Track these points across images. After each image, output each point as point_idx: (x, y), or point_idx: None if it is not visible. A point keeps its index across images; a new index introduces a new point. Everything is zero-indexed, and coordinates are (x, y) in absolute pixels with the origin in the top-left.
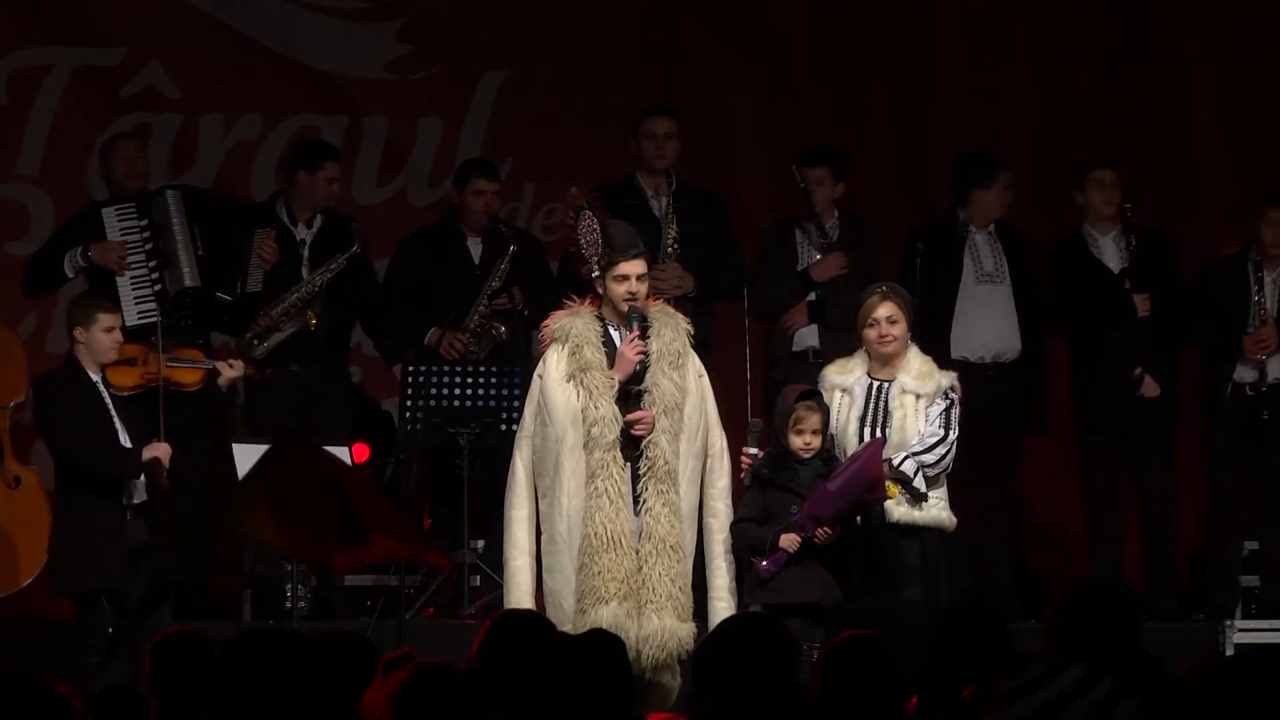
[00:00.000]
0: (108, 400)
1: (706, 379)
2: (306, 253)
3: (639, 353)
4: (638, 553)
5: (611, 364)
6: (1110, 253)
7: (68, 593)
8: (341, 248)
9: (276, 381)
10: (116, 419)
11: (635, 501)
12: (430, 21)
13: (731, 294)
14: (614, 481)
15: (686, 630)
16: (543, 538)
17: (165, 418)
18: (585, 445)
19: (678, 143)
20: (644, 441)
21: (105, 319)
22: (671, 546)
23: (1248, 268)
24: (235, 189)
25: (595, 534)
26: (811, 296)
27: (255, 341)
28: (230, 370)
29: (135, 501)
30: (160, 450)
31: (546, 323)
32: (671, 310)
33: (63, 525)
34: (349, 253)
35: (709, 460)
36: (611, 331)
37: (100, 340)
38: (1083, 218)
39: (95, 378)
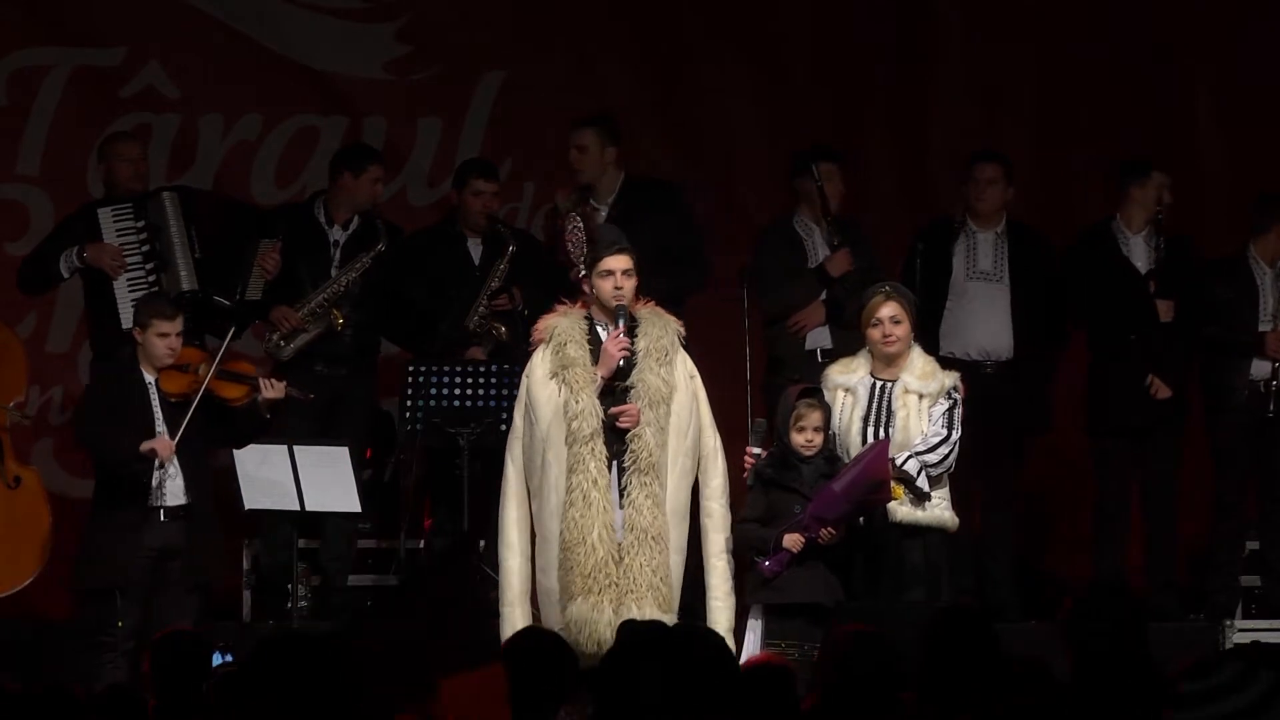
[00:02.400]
0: (154, 402)
1: (699, 380)
2: (338, 254)
3: (622, 348)
4: (620, 544)
5: (596, 361)
6: (1139, 252)
7: (82, 589)
8: (370, 248)
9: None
10: (161, 422)
11: (621, 495)
12: (430, 21)
13: (689, 291)
14: (590, 475)
15: (668, 621)
16: (536, 538)
17: (200, 427)
18: (566, 440)
19: (598, 154)
20: (629, 434)
21: (161, 325)
22: (654, 538)
23: (1250, 265)
24: (235, 189)
25: (568, 529)
26: (822, 296)
27: (281, 342)
28: (270, 391)
29: (170, 504)
30: (159, 443)
31: (537, 325)
32: (662, 311)
33: (90, 522)
34: (374, 251)
35: (703, 461)
36: (600, 330)
37: (154, 344)
38: (1119, 213)
39: (149, 379)
